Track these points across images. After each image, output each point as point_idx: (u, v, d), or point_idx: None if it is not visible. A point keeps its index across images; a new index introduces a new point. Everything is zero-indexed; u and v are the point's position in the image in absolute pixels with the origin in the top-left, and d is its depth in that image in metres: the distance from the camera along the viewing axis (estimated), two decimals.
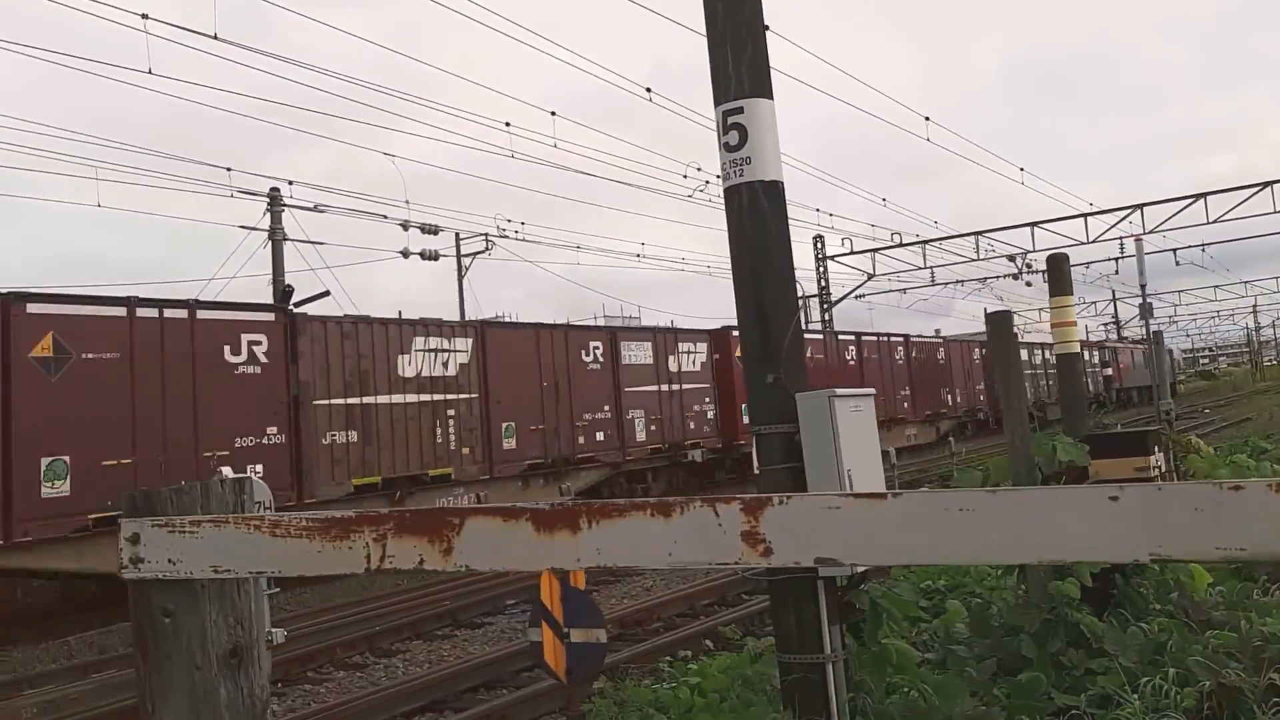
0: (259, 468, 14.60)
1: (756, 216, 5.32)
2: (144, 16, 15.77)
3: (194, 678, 2.09)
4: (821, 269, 38.70)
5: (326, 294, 22.94)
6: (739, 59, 5.34)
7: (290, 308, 17.36)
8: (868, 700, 5.10)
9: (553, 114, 22.30)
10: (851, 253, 38.23)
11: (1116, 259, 38.56)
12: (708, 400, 24.32)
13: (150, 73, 16.98)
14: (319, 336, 16.12)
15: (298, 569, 1.88)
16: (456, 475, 18.00)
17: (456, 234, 32.27)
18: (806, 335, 26.21)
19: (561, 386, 20.33)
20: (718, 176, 5.58)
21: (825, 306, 38.42)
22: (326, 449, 15.96)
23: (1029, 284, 41.61)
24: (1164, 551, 1.19)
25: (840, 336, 30.71)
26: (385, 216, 25.85)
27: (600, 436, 21.22)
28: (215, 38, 16.25)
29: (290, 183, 23.43)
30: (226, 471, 12.82)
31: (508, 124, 22.48)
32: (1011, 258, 39.01)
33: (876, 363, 31.22)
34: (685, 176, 29.22)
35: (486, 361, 18.82)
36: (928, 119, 29.36)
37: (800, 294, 26.21)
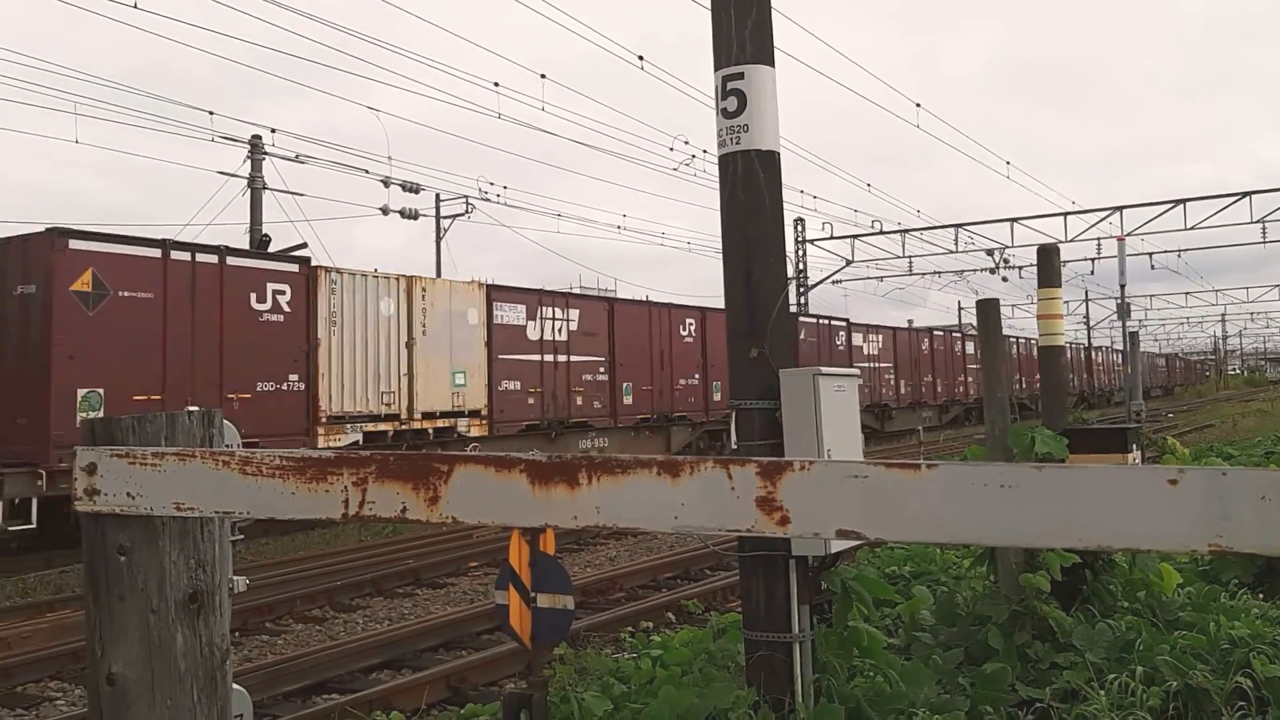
0: None
1: (750, 186, 5.18)
2: None
3: (149, 622, 1.95)
4: (801, 252, 38.62)
5: (304, 246, 22.60)
6: (742, 22, 5.18)
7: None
8: (831, 682, 5.05)
9: (542, 76, 21.96)
10: (831, 237, 38.12)
11: (1093, 259, 38.72)
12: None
13: (136, 7, 16.58)
14: None
15: (269, 510, 1.73)
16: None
17: (437, 194, 31.97)
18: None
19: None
20: (705, 151, 5.46)
21: (802, 290, 38.37)
22: None
23: (1005, 279, 41.81)
24: (1225, 542, 1.09)
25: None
26: (366, 171, 25.46)
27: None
28: None
29: (273, 130, 22.98)
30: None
31: (496, 84, 22.18)
32: (990, 252, 39.11)
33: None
34: (671, 149, 29.08)
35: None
36: (919, 105, 29.28)
37: None
